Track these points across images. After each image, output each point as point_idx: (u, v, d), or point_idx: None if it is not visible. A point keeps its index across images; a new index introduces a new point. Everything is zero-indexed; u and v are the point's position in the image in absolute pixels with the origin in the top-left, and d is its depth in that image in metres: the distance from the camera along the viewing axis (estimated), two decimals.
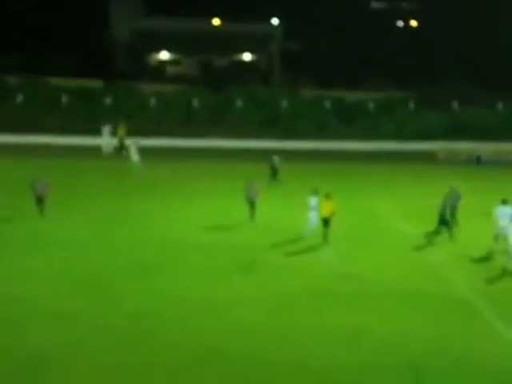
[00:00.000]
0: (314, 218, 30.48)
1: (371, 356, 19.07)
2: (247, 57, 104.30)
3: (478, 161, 57.33)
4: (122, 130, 57.95)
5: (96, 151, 56.57)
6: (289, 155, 53.11)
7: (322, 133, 66.70)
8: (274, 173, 45.01)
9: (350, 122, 68.35)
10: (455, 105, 69.31)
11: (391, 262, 27.77)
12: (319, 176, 46.14)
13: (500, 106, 68.93)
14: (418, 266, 27.42)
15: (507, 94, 71.05)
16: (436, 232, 31.17)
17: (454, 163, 56.02)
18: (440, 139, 62.63)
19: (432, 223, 32.63)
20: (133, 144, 50.31)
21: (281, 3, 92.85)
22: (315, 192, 30.93)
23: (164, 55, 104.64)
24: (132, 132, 58.90)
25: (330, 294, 23.75)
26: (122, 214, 35.23)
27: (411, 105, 70.07)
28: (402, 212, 37.18)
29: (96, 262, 27.10)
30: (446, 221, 30.71)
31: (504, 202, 29.59)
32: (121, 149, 56.96)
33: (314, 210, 30.46)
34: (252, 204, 33.79)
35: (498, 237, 29.01)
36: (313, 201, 30.64)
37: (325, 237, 29.59)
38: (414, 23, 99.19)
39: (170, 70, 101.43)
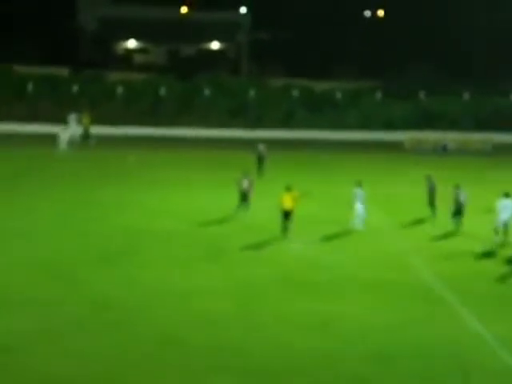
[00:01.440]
0: (361, 209, 30.75)
1: (338, 343, 19.13)
2: (215, 45, 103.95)
3: (444, 150, 57.77)
4: (86, 119, 57.55)
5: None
6: (256, 144, 53.02)
7: (289, 122, 66.75)
8: (259, 162, 44.26)
9: (317, 111, 68.45)
10: (422, 94, 69.70)
11: (358, 251, 27.90)
12: (287, 166, 46.20)
13: (466, 95, 69.45)
14: (385, 254, 27.57)
15: (473, 83, 71.59)
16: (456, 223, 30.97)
17: (420, 152, 56.39)
18: (407, 129, 62.99)
19: (398, 212, 32.89)
20: (62, 131, 49.61)
21: None
22: (359, 183, 31.29)
23: (131, 43, 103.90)
24: (98, 121, 58.51)
25: (298, 283, 23.79)
26: (88, 203, 34.99)
27: (378, 95, 70.33)
28: (369, 201, 37.27)
29: (61, 250, 26.88)
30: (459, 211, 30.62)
31: (506, 195, 29.14)
32: (87, 137, 56.58)
33: (360, 201, 30.78)
34: (245, 197, 32.71)
35: (499, 230, 28.83)
36: (358, 192, 30.93)
37: (285, 229, 29.29)
38: (380, 13, 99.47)
39: (138, 59, 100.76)
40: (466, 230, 31.07)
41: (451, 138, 59.70)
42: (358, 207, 30.87)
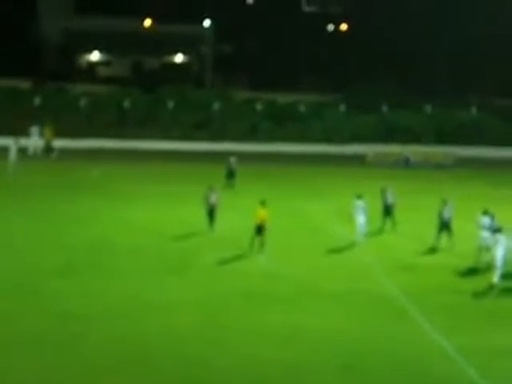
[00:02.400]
0: (362, 222, 30.78)
1: (303, 355, 19.21)
2: (179, 58, 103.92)
3: (406, 163, 58.29)
4: (48, 131, 57.11)
5: (24, 152, 55.58)
6: (220, 157, 53.11)
7: (253, 135, 66.86)
8: (230, 175, 44.02)
9: (281, 124, 68.63)
10: (384, 108, 70.32)
11: (322, 263, 28.04)
12: (251, 179, 46.25)
13: (428, 108, 70.21)
14: (348, 266, 27.75)
15: (435, 97, 72.39)
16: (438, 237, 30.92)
17: (383, 165, 56.83)
18: (370, 142, 63.46)
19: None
20: (13, 143, 49.18)
21: (212, 5, 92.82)
22: (360, 196, 31.28)
23: (95, 56, 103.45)
24: (61, 133, 58.07)
25: (262, 296, 23.84)
26: (50, 215, 34.74)
27: (342, 107, 70.80)
28: (332, 213, 37.55)
29: (23, 263, 26.65)
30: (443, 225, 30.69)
31: (485, 212, 28.59)
32: (49, 150, 56.12)
33: (361, 213, 30.77)
34: (211, 212, 32.24)
35: (481, 248, 28.09)
36: (359, 204, 30.91)
37: (258, 243, 29.17)
38: (344, 27, 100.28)
39: (101, 71, 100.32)
40: (423, 241, 31.40)
41: (413, 151, 60.25)
42: (360, 220, 30.93)
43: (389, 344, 20.10)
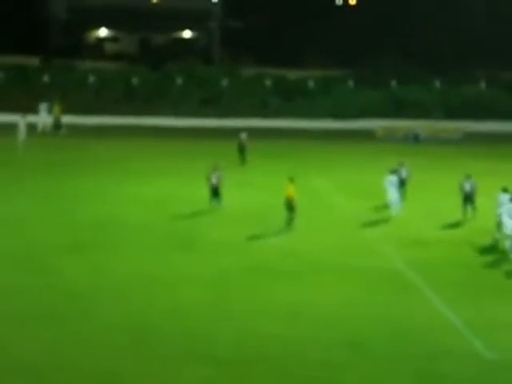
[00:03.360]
0: (396, 195, 30.93)
1: (310, 330, 19.31)
2: (187, 34, 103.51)
3: (415, 138, 58.11)
4: (57, 108, 57.18)
5: (32, 129, 55.66)
6: (229, 133, 53.07)
7: (262, 111, 66.71)
8: (241, 151, 43.82)
9: (290, 100, 68.44)
10: (393, 83, 69.97)
11: (330, 239, 28.08)
12: (260, 155, 46.22)
13: (437, 84, 69.85)
14: (356, 241, 27.80)
15: (444, 72, 71.98)
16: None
17: (392, 141, 56.68)
18: (378, 117, 63.24)
19: (371, 200, 33.14)
20: (21, 120, 49.29)
21: None
22: (394, 171, 31.34)
23: (102, 32, 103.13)
24: (70, 110, 58.12)
25: (268, 272, 23.92)
26: (59, 192, 34.87)
27: (350, 83, 70.49)
28: (341, 189, 37.56)
29: (33, 239, 26.82)
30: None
31: (504, 190, 27.64)
32: (58, 127, 56.22)
33: (394, 187, 30.89)
34: (215, 191, 31.89)
35: (500, 225, 27.23)
36: (393, 179, 31.03)
37: (289, 220, 29.09)
38: (352, 1, 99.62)
39: (109, 48, 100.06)
40: (434, 217, 31.43)
41: (422, 126, 60.04)
42: (393, 193, 30.92)
43: (396, 319, 20.17)
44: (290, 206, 29.10)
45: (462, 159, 47.70)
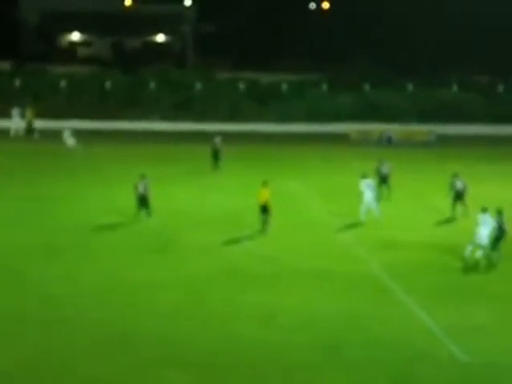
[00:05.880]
0: (369, 198, 30.87)
1: (286, 334, 19.30)
2: (160, 38, 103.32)
3: (388, 141, 58.39)
4: (30, 113, 56.82)
5: (5, 134, 55.22)
6: (203, 137, 52.98)
7: (236, 115, 66.69)
8: (215, 155, 43.45)
9: (264, 103, 68.50)
10: (367, 86, 70.28)
11: (305, 242, 28.09)
12: (234, 159, 46.17)
13: (410, 87, 70.25)
14: (331, 245, 27.84)
15: (417, 75, 72.42)
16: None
17: (365, 144, 56.91)
18: (352, 120, 63.46)
19: (345, 202, 33.22)
20: (66, 129, 50.24)
21: None
22: (365, 175, 31.26)
23: (75, 36, 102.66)
24: (42, 114, 57.75)
25: (245, 275, 23.89)
26: (32, 196, 34.60)
27: (324, 87, 70.70)
28: (315, 192, 37.62)
29: (6, 244, 26.60)
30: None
31: (484, 210, 25.73)
32: (30, 131, 55.84)
33: (368, 191, 30.84)
34: (143, 200, 30.49)
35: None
36: (367, 183, 30.99)
37: (264, 224, 29.07)
38: (326, 5, 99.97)
39: (81, 52, 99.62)
40: (408, 219, 31.57)
41: (395, 129, 60.34)
42: (368, 197, 30.91)
43: (371, 322, 20.21)
44: (264, 210, 29.08)
45: (435, 161, 48.00)
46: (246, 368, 17.41)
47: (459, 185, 31.80)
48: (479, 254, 25.21)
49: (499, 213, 25.43)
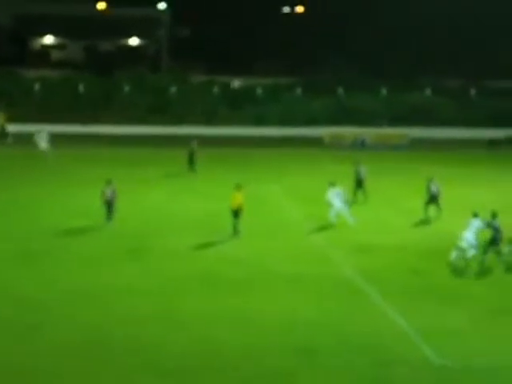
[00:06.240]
0: (341, 206, 30.87)
1: (261, 338, 19.25)
2: (134, 41, 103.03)
3: (362, 145, 58.68)
4: (2, 117, 56.43)
5: None
6: (178, 141, 52.92)
7: (210, 119, 66.70)
8: (191, 159, 43.33)
9: (238, 107, 68.58)
10: (341, 90, 70.58)
11: (279, 245, 28.08)
12: (209, 162, 46.15)
13: (384, 91, 70.65)
14: (305, 248, 27.84)
15: (391, 79, 72.87)
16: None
17: (339, 147, 57.13)
18: (326, 124, 63.72)
19: (319, 206, 33.29)
20: (39, 131, 49.57)
21: None
22: (333, 184, 31.15)
23: (48, 39, 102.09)
24: (15, 119, 57.39)
25: (220, 279, 23.83)
26: (4, 202, 34.32)
27: (298, 90, 70.92)
28: (290, 196, 37.68)
29: None
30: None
31: (475, 215, 25.52)
32: (4, 135, 55.44)
33: (339, 199, 30.83)
34: (109, 206, 30.36)
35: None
36: (335, 191, 30.93)
37: (235, 228, 29.08)
38: (300, 9, 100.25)
39: (55, 55, 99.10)
40: (382, 222, 31.73)
41: (369, 133, 60.67)
42: (338, 205, 30.94)
43: (346, 326, 20.22)
44: (236, 214, 29.08)
45: (409, 165, 48.30)
46: (219, 373, 17.36)
47: (434, 188, 32.12)
48: (469, 255, 25.09)
49: (494, 216, 25.36)
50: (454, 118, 66.95)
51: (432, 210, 32.16)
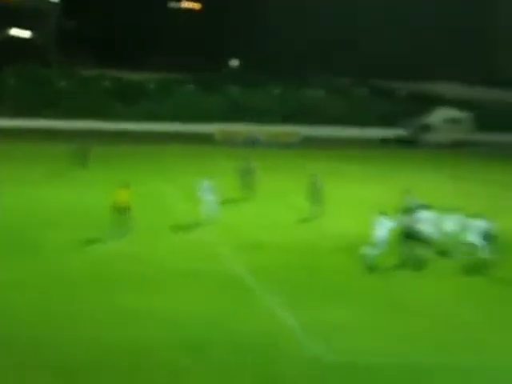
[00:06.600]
0: (210, 202, 30.62)
1: (152, 335, 18.95)
2: (21, 34, 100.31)
3: (254, 142, 58.88)
4: None
5: None
6: (68, 136, 51.76)
7: (101, 113, 65.54)
8: (82, 154, 42.48)
9: (130, 102, 67.69)
10: (233, 88, 70.65)
11: (169, 243, 27.81)
12: (100, 158, 45.30)
13: (276, 89, 71.12)
14: (196, 245, 27.67)
15: (283, 77, 73.47)
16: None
17: (231, 145, 57.13)
18: (218, 121, 63.63)
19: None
20: None
21: None
22: (207, 179, 31.00)
23: None
24: None
25: (110, 276, 23.40)
26: None
27: (191, 86, 70.58)
28: (180, 193, 37.36)
29: None
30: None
31: (382, 213, 25.56)
32: None
33: (209, 194, 30.67)
34: None
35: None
36: (206, 185, 30.80)
37: (122, 225, 28.52)
38: (197, 6, 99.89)
39: None
40: (271, 219, 31.86)
41: (261, 130, 60.94)
42: (208, 199, 30.80)
43: (235, 323, 20.14)
44: (122, 211, 28.54)
45: (299, 162, 48.74)
46: (111, 370, 16.99)
47: (317, 185, 32.43)
48: (376, 252, 25.24)
49: (404, 212, 25.52)
50: (345, 116, 68.04)
51: (316, 206, 32.47)
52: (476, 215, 25.99)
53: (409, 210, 26.23)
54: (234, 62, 78.39)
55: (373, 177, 44.47)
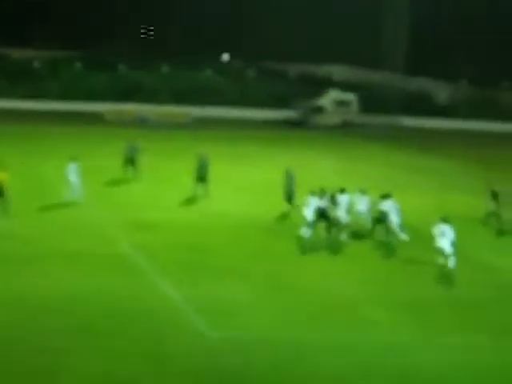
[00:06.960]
0: (77, 182, 30.08)
1: (36, 316, 18.62)
2: None
3: (144, 122, 58.16)
4: None
5: None
6: None
7: None
8: None
9: (15, 81, 65.54)
10: (122, 66, 69.50)
11: (57, 223, 27.41)
12: None
13: (165, 68, 70.37)
14: (83, 225, 27.30)
15: (172, 57, 72.76)
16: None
17: (121, 124, 56.23)
18: (107, 100, 62.42)
19: (98, 183, 32.48)
20: None
21: None
22: (74, 158, 30.28)
23: None
24: None
25: None
26: None
27: (78, 65, 68.98)
28: (60, 173, 36.41)
29: None
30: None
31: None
32: None
33: (75, 174, 30.10)
34: None
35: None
36: (73, 166, 30.09)
37: (3, 206, 27.65)
38: None
39: None
40: (158, 200, 31.59)
41: (151, 110, 60.25)
42: (74, 180, 30.22)
43: (123, 302, 20.11)
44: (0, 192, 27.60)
45: (190, 143, 48.41)
46: None
47: (204, 165, 32.43)
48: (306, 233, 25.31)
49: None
50: (234, 97, 67.95)
51: (202, 186, 32.37)
52: (385, 196, 26.47)
53: (324, 193, 26.38)
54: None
55: (262, 158, 44.65)
